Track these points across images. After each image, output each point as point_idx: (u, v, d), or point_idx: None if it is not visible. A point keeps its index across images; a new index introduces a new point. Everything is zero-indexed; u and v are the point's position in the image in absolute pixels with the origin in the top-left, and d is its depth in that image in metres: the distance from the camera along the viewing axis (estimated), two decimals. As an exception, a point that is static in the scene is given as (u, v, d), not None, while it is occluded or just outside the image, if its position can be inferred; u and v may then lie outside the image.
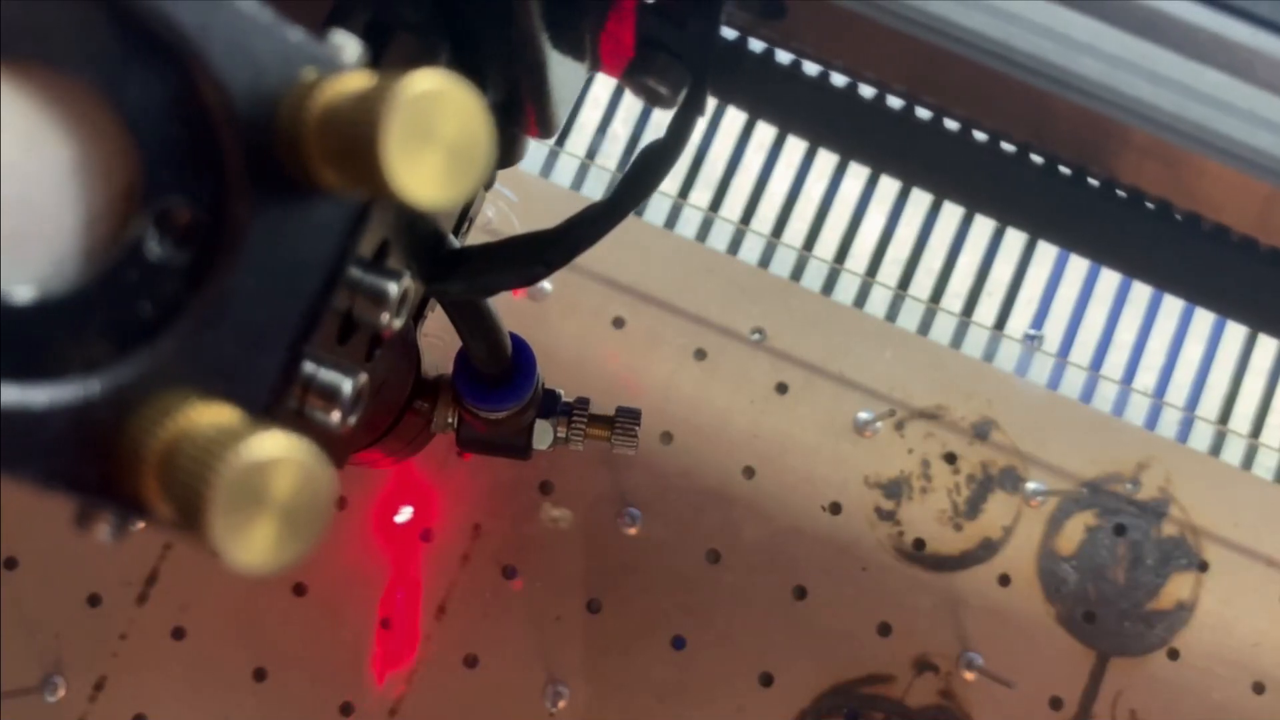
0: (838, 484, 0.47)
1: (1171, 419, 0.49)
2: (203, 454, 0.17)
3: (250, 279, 0.20)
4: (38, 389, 0.19)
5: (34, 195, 0.19)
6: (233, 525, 0.17)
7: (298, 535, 0.18)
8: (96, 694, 0.45)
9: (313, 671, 0.46)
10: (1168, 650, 0.46)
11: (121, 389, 0.19)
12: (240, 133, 0.20)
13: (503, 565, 0.46)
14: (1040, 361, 0.49)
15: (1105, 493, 0.47)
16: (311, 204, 0.20)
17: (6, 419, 0.19)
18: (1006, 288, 0.50)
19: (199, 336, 0.20)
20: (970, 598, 0.46)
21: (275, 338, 0.20)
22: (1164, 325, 0.50)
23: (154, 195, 0.20)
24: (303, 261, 0.20)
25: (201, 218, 0.20)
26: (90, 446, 0.19)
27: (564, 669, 0.46)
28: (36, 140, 0.19)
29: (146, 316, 0.20)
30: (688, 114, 0.31)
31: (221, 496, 0.17)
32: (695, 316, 0.48)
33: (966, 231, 0.50)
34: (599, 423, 0.41)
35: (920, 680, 0.46)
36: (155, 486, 0.18)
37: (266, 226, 0.20)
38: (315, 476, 0.18)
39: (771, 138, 0.51)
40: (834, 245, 0.50)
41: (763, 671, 0.46)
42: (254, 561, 0.17)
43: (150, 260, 0.20)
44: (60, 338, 0.19)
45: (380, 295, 0.22)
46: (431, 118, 0.18)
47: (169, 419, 0.19)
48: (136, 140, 0.19)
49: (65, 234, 0.19)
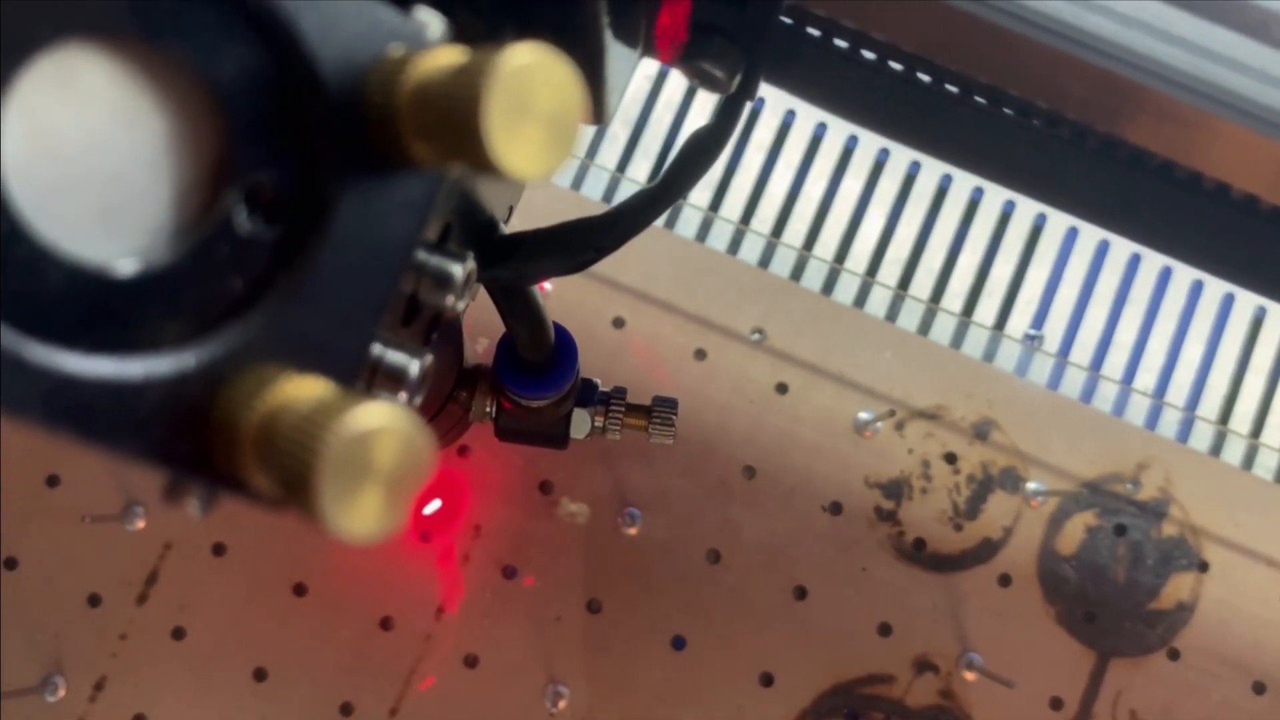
0: (838, 484, 0.47)
1: (1172, 419, 0.49)
2: (306, 425, 0.18)
3: (337, 254, 0.20)
4: (134, 362, 0.19)
5: (127, 170, 0.19)
6: (340, 495, 0.17)
7: (400, 503, 0.18)
8: (96, 694, 0.45)
9: (313, 671, 0.46)
10: (1168, 650, 0.46)
11: (214, 363, 0.20)
12: (329, 108, 0.20)
13: (503, 565, 0.46)
14: (1040, 361, 0.49)
15: (1105, 493, 0.47)
16: (396, 180, 0.21)
17: (104, 391, 0.19)
18: (1006, 288, 0.50)
19: (288, 311, 0.20)
20: (970, 598, 0.46)
21: (360, 313, 0.21)
22: (1164, 325, 0.50)
23: (244, 171, 0.20)
24: (386, 237, 0.21)
25: (290, 193, 0.20)
26: (184, 420, 0.19)
27: (564, 669, 0.46)
28: (130, 115, 0.19)
29: (237, 291, 0.20)
30: (737, 100, 0.31)
31: (329, 467, 0.17)
32: (695, 316, 0.48)
33: (966, 231, 0.50)
34: (636, 412, 0.41)
35: (920, 680, 0.46)
36: (252, 459, 0.19)
37: (353, 202, 0.20)
38: (416, 445, 0.18)
39: (771, 138, 0.51)
40: (834, 245, 0.50)
41: (763, 672, 0.46)
42: (361, 529, 0.18)
43: (240, 235, 0.20)
44: (154, 312, 0.20)
45: (446, 277, 0.22)
46: (530, 90, 0.18)
47: (264, 392, 0.19)
48: (227, 116, 0.20)
49: (158, 209, 0.20)
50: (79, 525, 0.46)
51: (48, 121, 0.19)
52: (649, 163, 0.51)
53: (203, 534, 0.46)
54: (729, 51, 0.30)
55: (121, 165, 0.19)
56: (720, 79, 0.30)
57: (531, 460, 0.47)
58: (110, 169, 0.19)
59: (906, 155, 0.51)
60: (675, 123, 0.51)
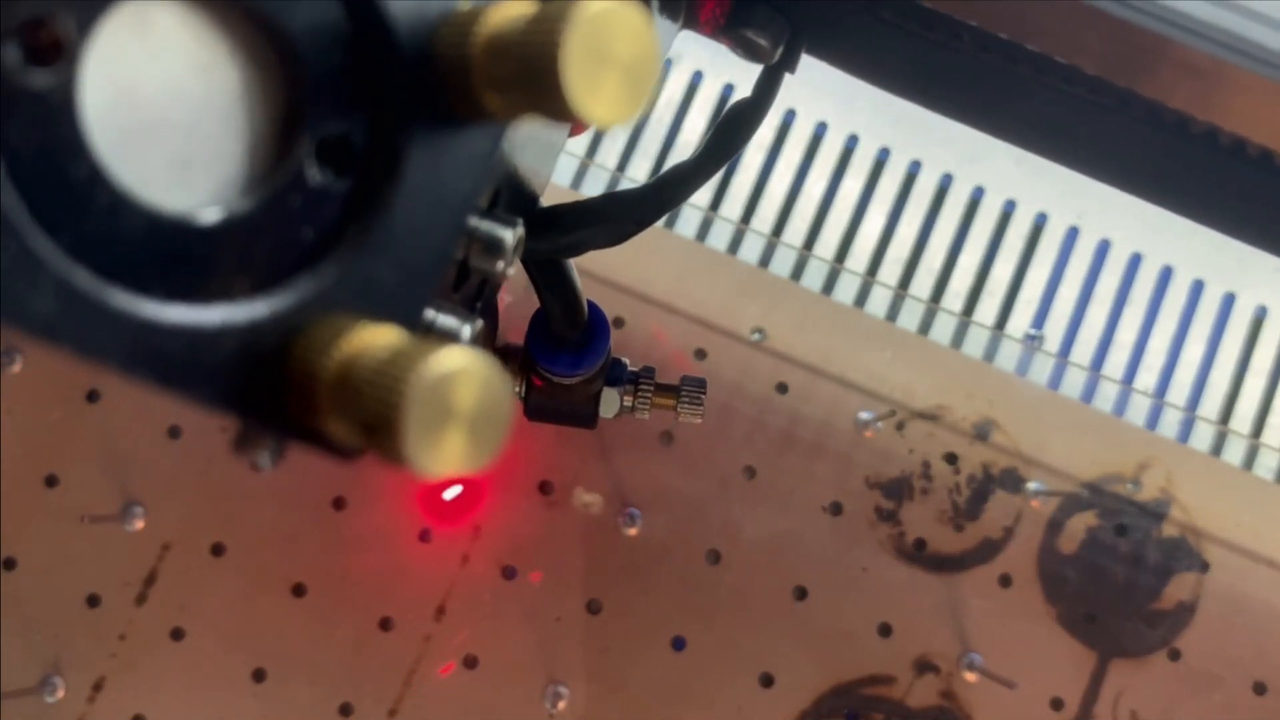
0: (838, 484, 0.47)
1: (1172, 419, 0.49)
2: (388, 369, 0.18)
3: (406, 205, 0.21)
4: (209, 310, 0.20)
5: (201, 121, 0.20)
6: (425, 437, 0.18)
7: (483, 444, 0.18)
8: (95, 695, 0.45)
9: (312, 672, 0.45)
10: (1169, 651, 0.46)
11: (287, 312, 0.20)
12: (401, 60, 0.20)
13: (503, 566, 0.46)
14: (1041, 361, 0.49)
15: (1106, 493, 0.47)
16: (465, 132, 0.21)
17: (181, 338, 0.19)
18: (1007, 288, 0.50)
19: (358, 261, 0.21)
20: (971, 598, 0.46)
21: (428, 265, 0.21)
22: (1165, 325, 0.50)
23: (315, 122, 0.20)
24: (453, 188, 0.21)
25: (361, 145, 0.21)
26: (258, 369, 0.20)
27: (564, 670, 0.46)
28: (205, 65, 0.20)
29: (308, 242, 0.21)
30: (777, 70, 0.31)
31: (414, 409, 0.18)
32: (695, 316, 0.48)
33: (967, 231, 0.50)
34: (665, 391, 0.41)
35: (921, 681, 0.46)
36: (329, 407, 0.19)
37: (422, 154, 0.21)
38: (496, 387, 0.18)
39: (771, 137, 0.51)
40: (834, 245, 0.50)
41: (763, 672, 0.46)
42: (445, 471, 0.18)
43: (311, 187, 0.20)
44: (229, 261, 0.20)
45: (497, 242, 0.23)
46: (608, 37, 0.18)
47: (339, 340, 0.19)
48: (300, 67, 0.20)
49: (231, 159, 0.20)
50: (78, 525, 0.46)
51: (126, 70, 0.19)
52: (649, 162, 0.51)
53: (202, 534, 0.46)
54: (774, 19, 0.30)
55: (196, 115, 0.20)
56: (764, 47, 0.30)
57: (531, 460, 0.46)
58: (185, 118, 0.20)
59: (906, 155, 0.51)
60: (675, 122, 0.51)
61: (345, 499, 0.47)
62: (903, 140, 0.51)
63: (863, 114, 0.51)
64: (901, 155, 0.51)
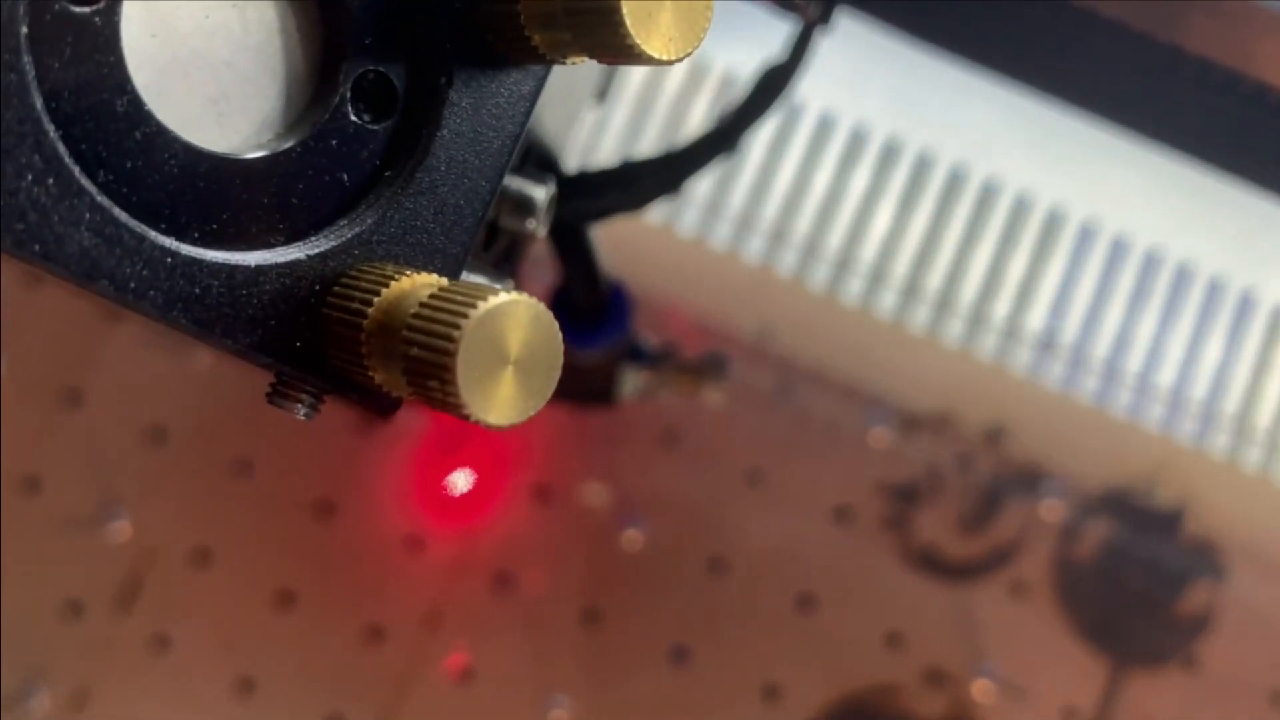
0: (845, 489, 0.47)
1: (1188, 425, 0.48)
2: (439, 311, 0.18)
3: (446, 149, 0.21)
4: (247, 253, 0.19)
5: (240, 59, 0.20)
6: (477, 380, 0.18)
7: (533, 390, 0.18)
8: (80, 704, 0.45)
9: (301, 681, 0.45)
10: (1184, 659, 0.46)
11: (325, 256, 0.20)
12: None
13: (499, 573, 0.46)
14: (1054, 365, 0.49)
15: (1121, 499, 0.47)
16: (507, 73, 0.21)
17: (219, 281, 0.19)
18: (1018, 290, 0.49)
19: (397, 206, 0.20)
20: (982, 606, 0.46)
21: (467, 212, 0.21)
22: (1180, 331, 0.49)
23: (355, 62, 0.20)
24: (494, 132, 0.21)
25: (401, 86, 0.20)
26: (297, 316, 0.20)
27: (562, 680, 0.45)
28: (243, 4, 0.20)
29: (347, 185, 0.20)
30: (810, 30, 0.30)
31: (467, 349, 0.18)
32: (696, 316, 0.48)
33: (977, 231, 0.50)
34: (686, 370, 0.41)
35: (931, 691, 0.45)
36: (374, 353, 0.19)
37: (462, 96, 0.21)
38: (547, 330, 0.19)
39: (772, 136, 0.50)
40: (839, 244, 0.50)
41: (768, 683, 0.45)
42: (496, 414, 0.18)
43: (350, 130, 0.20)
44: (266, 202, 0.20)
45: (528, 201, 0.23)
46: None
47: (381, 286, 0.19)
48: (339, 4, 0.20)
49: (268, 98, 0.20)
50: (61, 533, 0.46)
51: (164, 4, 0.19)
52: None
53: (188, 541, 0.46)
54: None
55: (233, 52, 0.20)
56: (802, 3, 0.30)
57: (529, 463, 0.46)
58: (223, 55, 0.19)
59: (913, 152, 0.50)
60: (675, 120, 0.51)
61: (337, 505, 0.46)
62: (911, 129, 0.50)
63: (873, 101, 0.50)
64: (909, 153, 0.50)
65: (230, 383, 0.45)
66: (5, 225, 0.17)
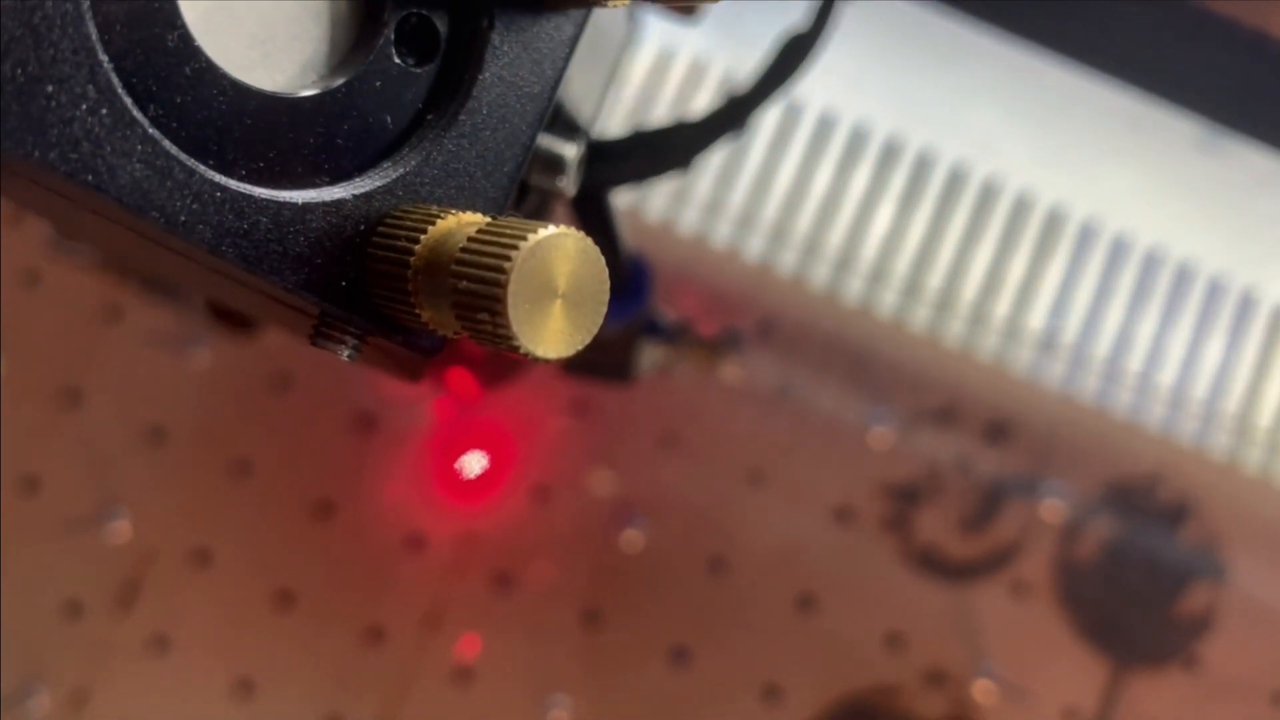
0: (845, 490, 0.46)
1: (1189, 425, 0.48)
2: (488, 245, 0.18)
3: (487, 91, 0.21)
4: (294, 191, 0.20)
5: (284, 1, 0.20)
6: (527, 312, 0.18)
7: (580, 324, 0.19)
8: (80, 704, 0.45)
9: (301, 682, 0.45)
10: (1185, 659, 0.46)
11: (370, 195, 0.20)
12: None
13: (498, 573, 0.46)
14: (1054, 365, 0.49)
15: (1121, 499, 0.47)
16: (547, 17, 0.21)
17: (266, 217, 0.19)
18: (1019, 289, 0.50)
19: (440, 147, 0.21)
20: (983, 606, 0.46)
21: (508, 155, 0.21)
22: (1181, 331, 0.49)
23: (399, 6, 0.21)
24: (534, 74, 0.21)
25: (444, 30, 0.21)
26: (343, 254, 0.20)
27: (562, 681, 0.45)
28: None
29: (390, 127, 0.21)
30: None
31: (517, 283, 0.18)
32: (696, 316, 0.48)
33: (978, 230, 0.50)
34: (703, 346, 0.41)
35: (932, 691, 0.45)
36: (422, 290, 0.19)
37: (503, 39, 0.21)
38: (596, 266, 0.19)
39: (773, 136, 0.50)
40: (839, 244, 0.50)
41: (768, 683, 0.45)
42: (546, 347, 0.18)
43: (394, 72, 0.21)
44: (312, 142, 0.20)
45: (557, 159, 0.23)
46: None
47: (426, 225, 0.19)
48: None
49: (312, 40, 0.20)
50: (61, 534, 0.46)
51: None
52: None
53: (188, 541, 0.46)
54: None
55: None
56: None
57: (528, 464, 0.46)
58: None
59: (913, 151, 0.50)
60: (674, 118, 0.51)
61: (336, 504, 0.46)
62: (912, 128, 0.50)
63: (874, 100, 0.50)
64: (909, 153, 0.50)
65: (230, 383, 0.45)
66: (60, 154, 0.17)
